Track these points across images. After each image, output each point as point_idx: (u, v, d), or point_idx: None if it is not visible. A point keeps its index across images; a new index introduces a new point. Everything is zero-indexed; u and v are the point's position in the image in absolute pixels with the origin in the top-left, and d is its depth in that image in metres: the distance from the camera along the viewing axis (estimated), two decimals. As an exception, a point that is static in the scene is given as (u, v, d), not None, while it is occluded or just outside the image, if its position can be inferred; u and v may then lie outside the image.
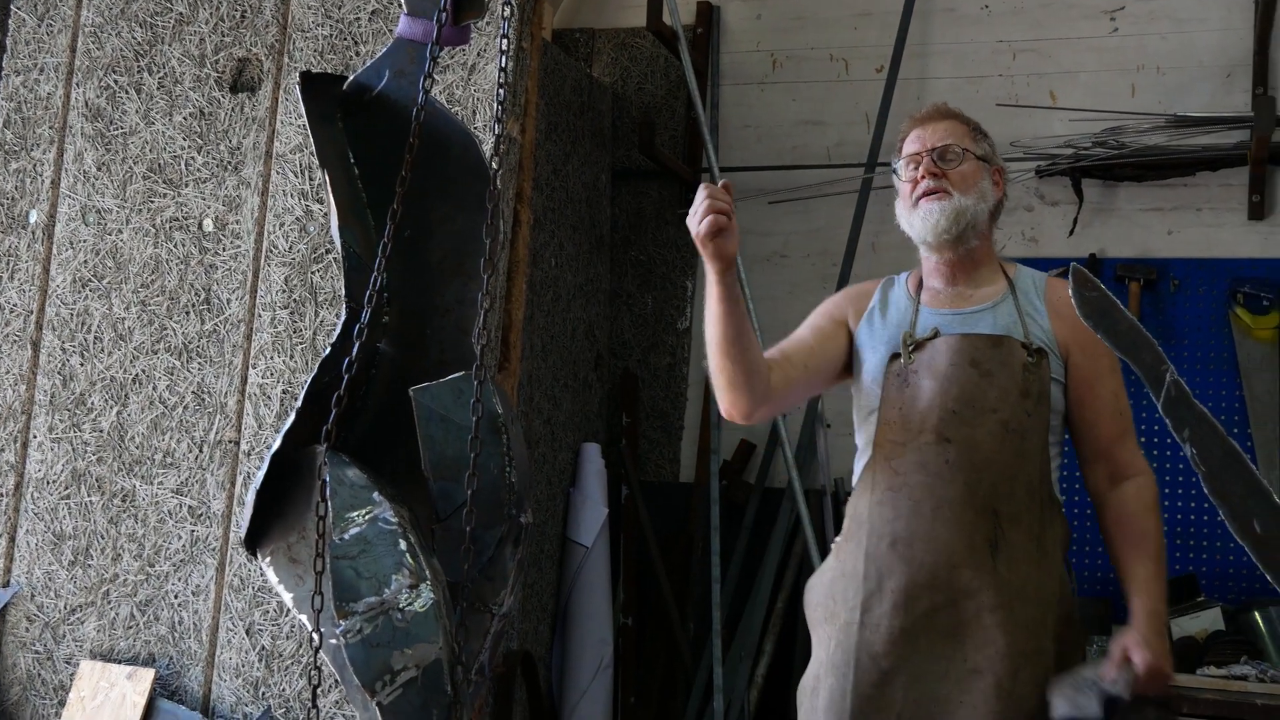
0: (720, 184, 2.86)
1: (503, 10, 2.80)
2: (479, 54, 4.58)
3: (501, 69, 2.74)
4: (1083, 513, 5.32)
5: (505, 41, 2.74)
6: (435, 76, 2.78)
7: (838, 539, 3.21)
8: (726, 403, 3.10)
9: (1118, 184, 5.53)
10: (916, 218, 3.18)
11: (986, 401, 3.04)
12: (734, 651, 5.48)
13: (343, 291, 2.96)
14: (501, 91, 2.80)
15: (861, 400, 3.23)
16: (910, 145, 3.25)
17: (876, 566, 3.03)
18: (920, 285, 3.28)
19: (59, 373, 4.92)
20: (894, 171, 3.29)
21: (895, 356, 3.14)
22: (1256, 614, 4.84)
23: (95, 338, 4.89)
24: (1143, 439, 5.30)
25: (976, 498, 3.00)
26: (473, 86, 4.57)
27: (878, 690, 2.97)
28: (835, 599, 3.11)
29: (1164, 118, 5.41)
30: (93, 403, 4.86)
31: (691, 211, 2.86)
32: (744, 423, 3.16)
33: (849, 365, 3.29)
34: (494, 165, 2.75)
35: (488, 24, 4.55)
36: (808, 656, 3.24)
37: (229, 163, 4.84)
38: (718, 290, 2.94)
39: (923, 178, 3.18)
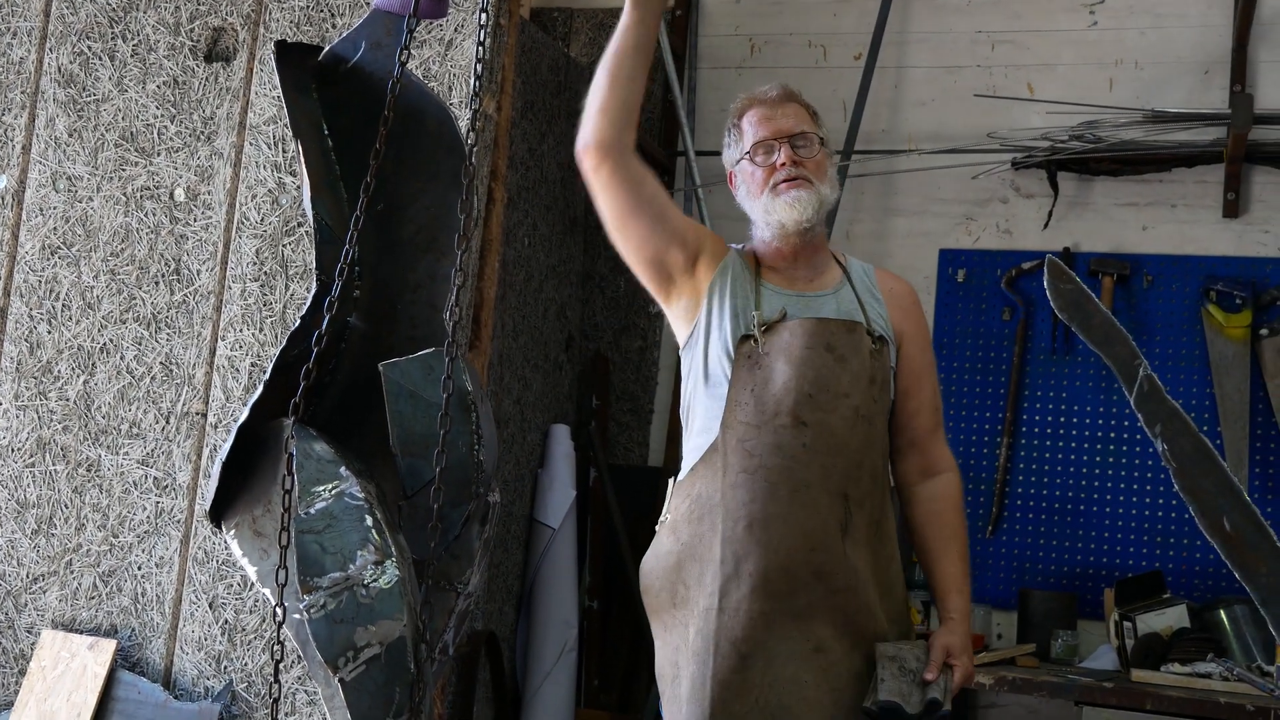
0: None
1: (481, -16, 2.77)
2: (456, 30, 4.55)
3: (480, 43, 2.71)
4: (1050, 509, 5.36)
5: (484, 16, 2.71)
6: (412, 50, 2.75)
7: (666, 518, 3.17)
8: (591, 128, 3.09)
9: (1093, 178, 5.53)
10: (780, 205, 3.15)
11: (840, 386, 3.06)
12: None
13: (314, 265, 2.93)
14: (479, 67, 2.77)
15: (702, 375, 3.18)
16: (759, 128, 3.22)
17: (733, 550, 3.02)
18: (757, 263, 3.25)
19: (26, 340, 4.87)
20: (744, 153, 3.23)
21: (746, 337, 3.11)
22: (1222, 611, 4.86)
23: (63, 306, 4.85)
24: (1112, 433, 5.33)
25: (831, 481, 3.03)
26: (449, 62, 4.55)
27: (737, 675, 2.97)
28: (685, 583, 3.09)
29: (1141, 113, 5.41)
30: (59, 371, 4.82)
31: None
32: (592, 162, 3.10)
33: (670, 284, 3.25)
34: (470, 141, 2.73)
35: (465, 0, 4.53)
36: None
37: (202, 132, 4.80)
38: (634, 21, 3.01)
39: (782, 165, 3.16)
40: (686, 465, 3.18)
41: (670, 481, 3.24)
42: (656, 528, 3.23)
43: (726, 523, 3.04)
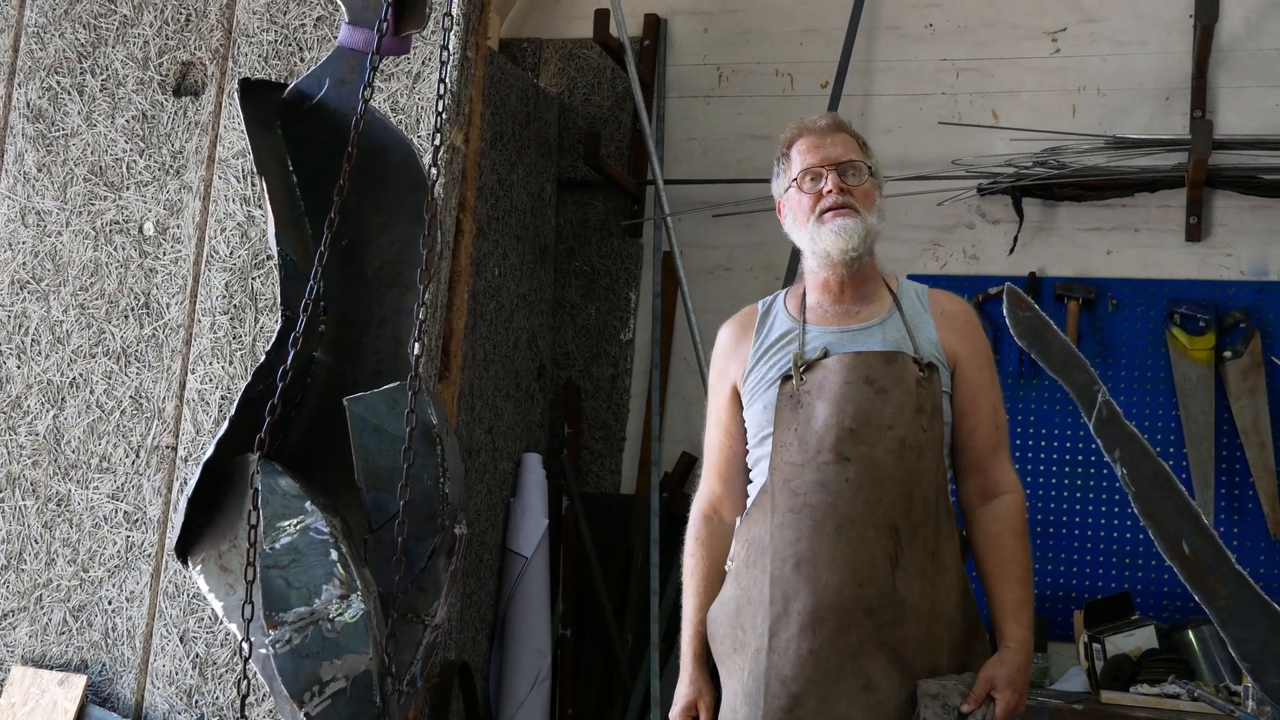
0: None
1: (444, 21, 2.80)
2: (424, 63, 4.57)
3: (441, 79, 2.74)
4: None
5: (445, 52, 2.74)
6: (379, 85, 2.78)
7: (731, 564, 3.16)
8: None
9: (1058, 203, 5.58)
10: (826, 233, 3.12)
11: (883, 419, 3.02)
12: (672, 664, 5.48)
13: (279, 299, 2.94)
14: (442, 101, 2.80)
15: (752, 428, 3.19)
16: (808, 156, 3.20)
17: (782, 590, 2.99)
18: (803, 303, 3.24)
19: (-5, 375, 4.87)
20: (791, 181, 3.22)
21: (787, 378, 3.10)
22: (1190, 633, 4.89)
23: (33, 340, 4.85)
24: (1079, 456, 5.36)
25: (877, 515, 2.99)
26: (417, 95, 4.57)
27: (789, 715, 2.94)
28: (743, 627, 3.07)
29: (1104, 139, 5.47)
30: (29, 406, 4.82)
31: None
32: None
33: None
34: (434, 175, 2.75)
35: (433, 32, 4.55)
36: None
37: (171, 166, 4.81)
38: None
39: (829, 192, 3.14)
40: (747, 511, 3.17)
41: (736, 522, 3.23)
42: (725, 571, 3.22)
43: (775, 563, 3.01)
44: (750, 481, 3.21)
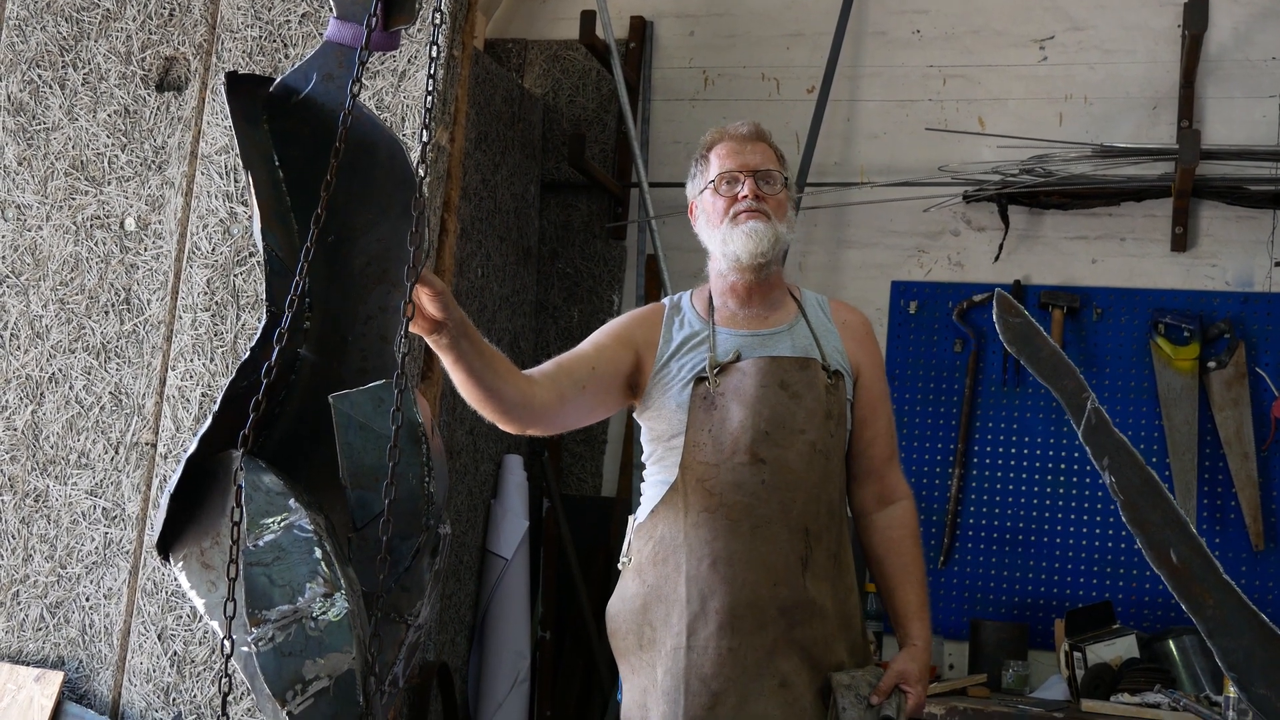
0: (422, 290, 2.67)
1: (434, 18, 2.78)
2: (410, 61, 4.55)
3: (430, 75, 2.71)
4: (1002, 540, 5.38)
5: (435, 49, 2.71)
6: (365, 82, 2.75)
7: (628, 560, 3.18)
8: (500, 425, 3.05)
9: (1044, 211, 5.58)
10: (738, 235, 3.16)
11: (796, 423, 3.09)
12: (651, 668, 5.47)
13: (264, 296, 2.92)
14: (430, 99, 2.78)
15: (660, 426, 3.20)
16: (727, 161, 3.24)
17: (699, 588, 3.04)
18: (709, 305, 3.27)
19: (-27, 370, 4.83)
20: (709, 184, 3.25)
21: (700, 380, 3.13)
22: (1171, 642, 4.90)
23: (12, 335, 4.81)
24: (1062, 465, 5.36)
25: (791, 516, 3.06)
26: (402, 93, 4.55)
27: (709, 713, 2.99)
28: (653, 625, 3.10)
29: (1090, 147, 5.47)
30: (7, 401, 4.78)
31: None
32: (522, 435, 3.15)
33: (630, 388, 3.25)
34: (421, 173, 2.72)
35: (419, 31, 4.53)
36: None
37: (153, 162, 4.78)
38: (444, 357, 2.85)
39: (744, 197, 3.19)
40: (646, 508, 3.19)
41: (630, 522, 3.25)
42: (619, 567, 3.24)
43: (690, 561, 3.06)
44: (644, 480, 3.25)
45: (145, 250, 4.74)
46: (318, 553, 2.56)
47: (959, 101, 5.79)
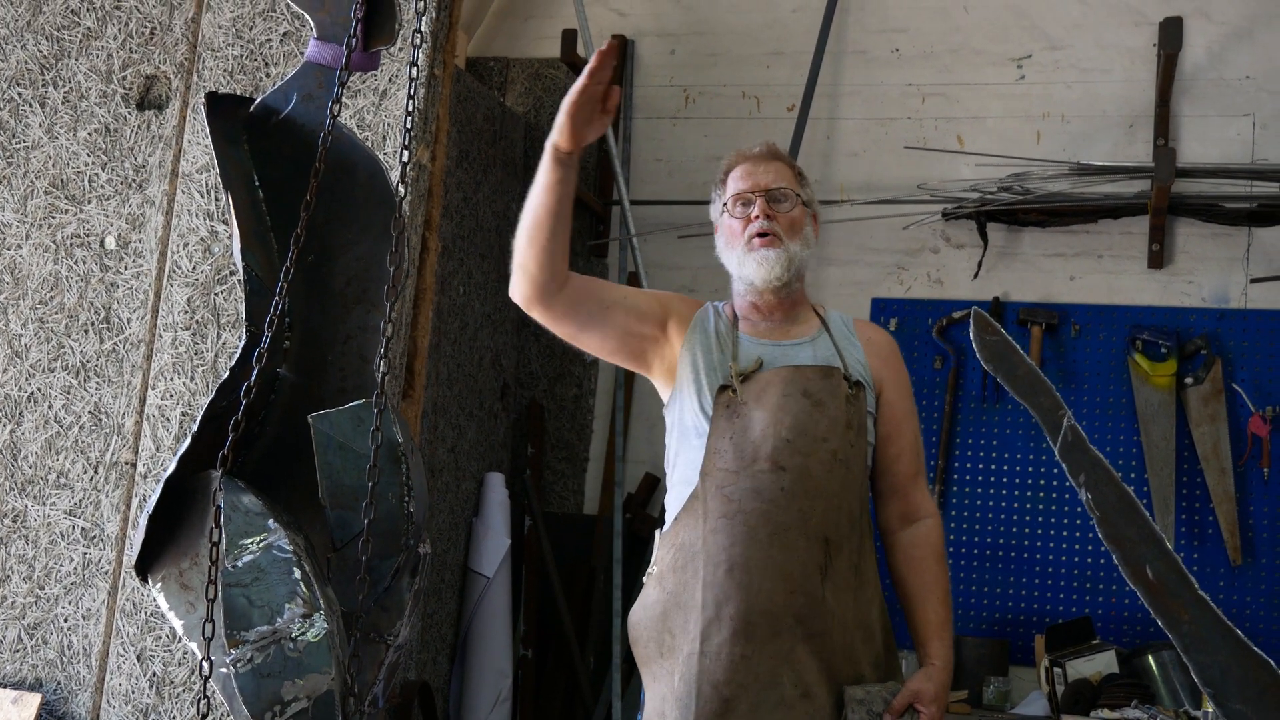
0: (606, 46, 2.91)
1: (414, 38, 2.79)
2: (391, 80, 4.56)
3: (410, 96, 2.73)
4: (982, 556, 5.40)
5: (414, 69, 2.73)
6: (345, 101, 2.76)
7: (654, 569, 3.19)
8: (515, 283, 3.08)
9: (1022, 229, 5.61)
10: (751, 262, 3.21)
11: (818, 431, 3.08)
12: (633, 685, 5.47)
13: (244, 315, 2.92)
14: (410, 119, 2.79)
15: (683, 429, 3.22)
16: (740, 182, 3.28)
17: (714, 594, 3.03)
18: (735, 316, 3.31)
19: (-48, 389, 4.82)
20: (723, 206, 3.31)
21: (724, 388, 3.14)
22: (1150, 657, 4.91)
23: (-9, 354, 4.80)
24: (1041, 481, 5.38)
25: (810, 525, 3.04)
26: (384, 112, 4.55)
27: (720, 719, 2.97)
28: (671, 631, 3.10)
29: (1068, 165, 5.50)
30: (-14, 420, 4.77)
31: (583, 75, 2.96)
32: (533, 312, 3.11)
33: (640, 352, 3.27)
34: (400, 193, 2.74)
35: (401, 50, 4.54)
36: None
37: (133, 180, 4.78)
38: (553, 169, 2.96)
39: (756, 218, 3.22)
40: (670, 516, 3.19)
41: (656, 533, 3.25)
42: (644, 579, 3.23)
43: (708, 568, 3.05)
44: (668, 489, 3.26)
45: (125, 269, 4.74)
46: (297, 573, 2.56)
47: (938, 120, 5.81)
